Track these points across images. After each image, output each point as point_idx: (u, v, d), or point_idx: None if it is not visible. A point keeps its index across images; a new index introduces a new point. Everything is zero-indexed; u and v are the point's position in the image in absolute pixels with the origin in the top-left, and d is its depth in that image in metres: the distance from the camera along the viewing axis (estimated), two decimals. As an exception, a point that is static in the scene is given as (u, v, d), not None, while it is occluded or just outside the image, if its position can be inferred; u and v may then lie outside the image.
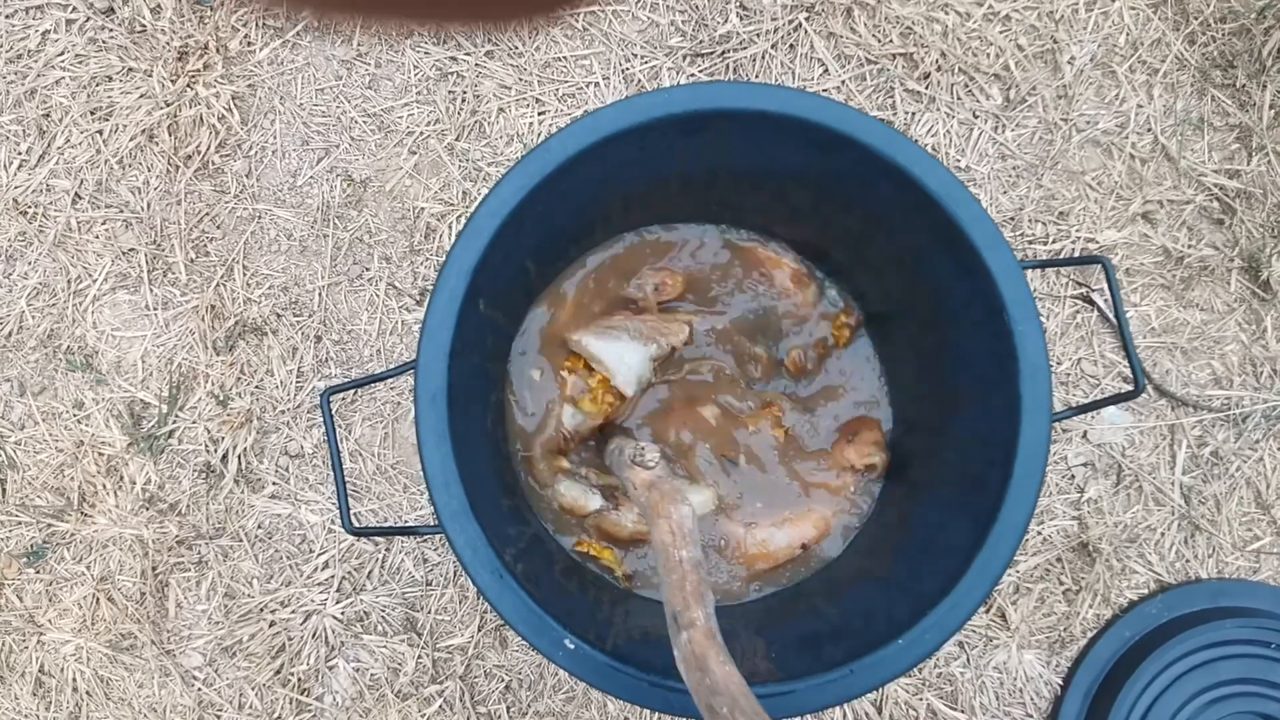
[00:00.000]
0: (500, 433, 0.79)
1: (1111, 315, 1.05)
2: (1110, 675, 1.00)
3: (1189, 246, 1.06)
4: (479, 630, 1.01)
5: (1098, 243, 1.06)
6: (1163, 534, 1.03)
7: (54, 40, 1.07)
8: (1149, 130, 1.07)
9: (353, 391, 1.04)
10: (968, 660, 1.02)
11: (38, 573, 1.03)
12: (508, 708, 1.01)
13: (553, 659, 0.61)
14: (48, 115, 1.06)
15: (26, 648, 1.02)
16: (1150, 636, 1.00)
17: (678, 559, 0.59)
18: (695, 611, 0.55)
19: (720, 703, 0.50)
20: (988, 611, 1.03)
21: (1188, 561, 1.03)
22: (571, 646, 0.62)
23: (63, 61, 1.06)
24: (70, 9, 1.06)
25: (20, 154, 1.06)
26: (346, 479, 1.02)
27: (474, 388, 0.70)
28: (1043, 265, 0.68)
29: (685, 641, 0.54)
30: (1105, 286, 1.06)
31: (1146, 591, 1.03)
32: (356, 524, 1.01)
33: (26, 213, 1.06)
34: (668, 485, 0.64)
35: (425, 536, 1.01)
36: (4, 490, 1.04)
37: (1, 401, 1.05)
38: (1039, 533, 1.03)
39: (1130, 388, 0.71)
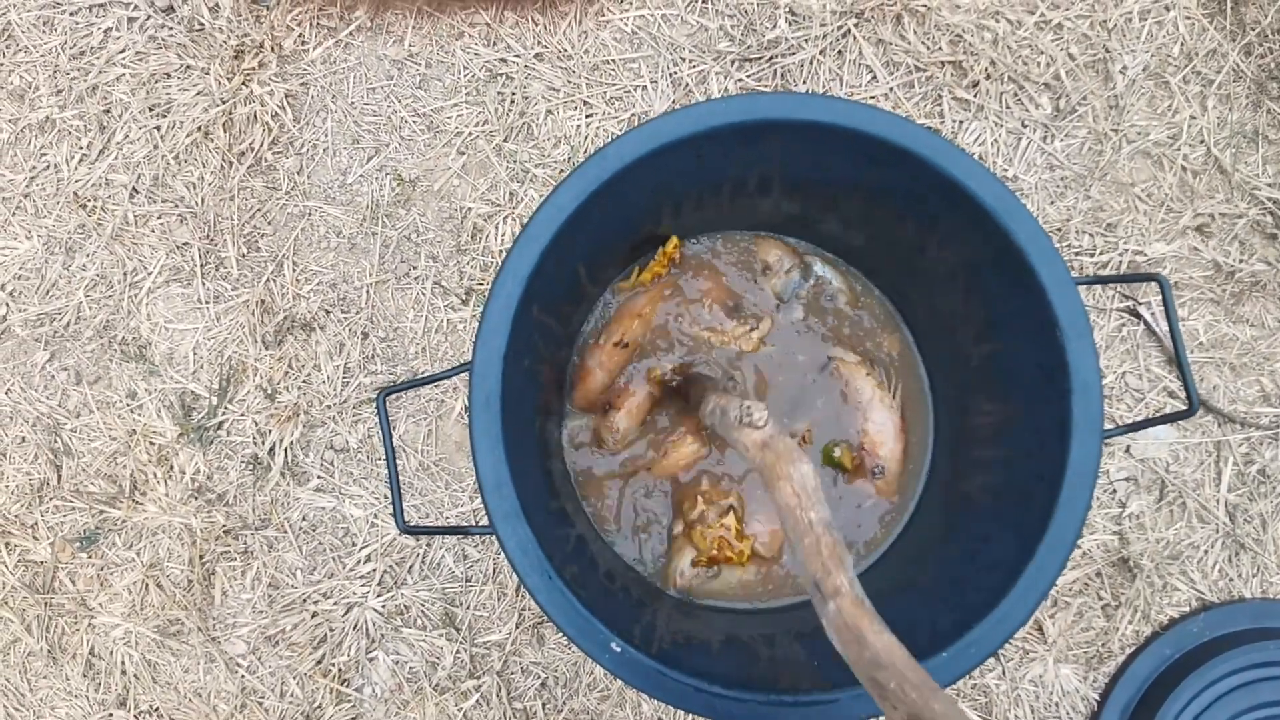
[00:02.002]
0: (547, 435, 0.80)
1: (1159, 329, 1.04)
2: (1149, 693, 0.99)
3: (1240, 261, 1.05)
4: (516, 627, 1.02)
5: (1146, 255, 1.05)
6: (1206, 552, 1.02)
7: (116, 38, 1.09)
8: (1201, 142, 1.06)
9: (381, 400, 1.05)
10: (1003, 672, 1.02)
11: (90, 557, 1.06)
12: (543, 704, 1.02)
13: (600, 661, 0.62)
14: (108, 111, 1.09)
15: (78, 630, 1.05)
16: (1191, 655, 0.99)
17: (807, 522, 0.54)
18: (838, 577, 0.51)
19: (885, 676, 0.46)
20: (1023, 625, 1.02)
21: (1231, 580, 1.02)
22: (618, 650, 0.62)
23: (124, 58, 1.09)
24: (132, 7, 1.09)
25: (81, 148, 1.09)
26: (390, 474, 1.04)
27: (524, 390, 0.71)
28: (1098, 281, 0.68)
29: (834, 612, 0.50)
30: (1152, 300, 1.05)
31: (1188, 609, 1.02)
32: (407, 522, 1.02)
33: (86, 206, 1.08)
34: (782, 444, 0.60)
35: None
36: (59, 476, 1.07)
37: (59, 390, 1.07)
38: (1079, 547, 1.02)
39: (1183, 406, 0.71)
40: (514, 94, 1.07)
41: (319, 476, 1.05)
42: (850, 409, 0.83)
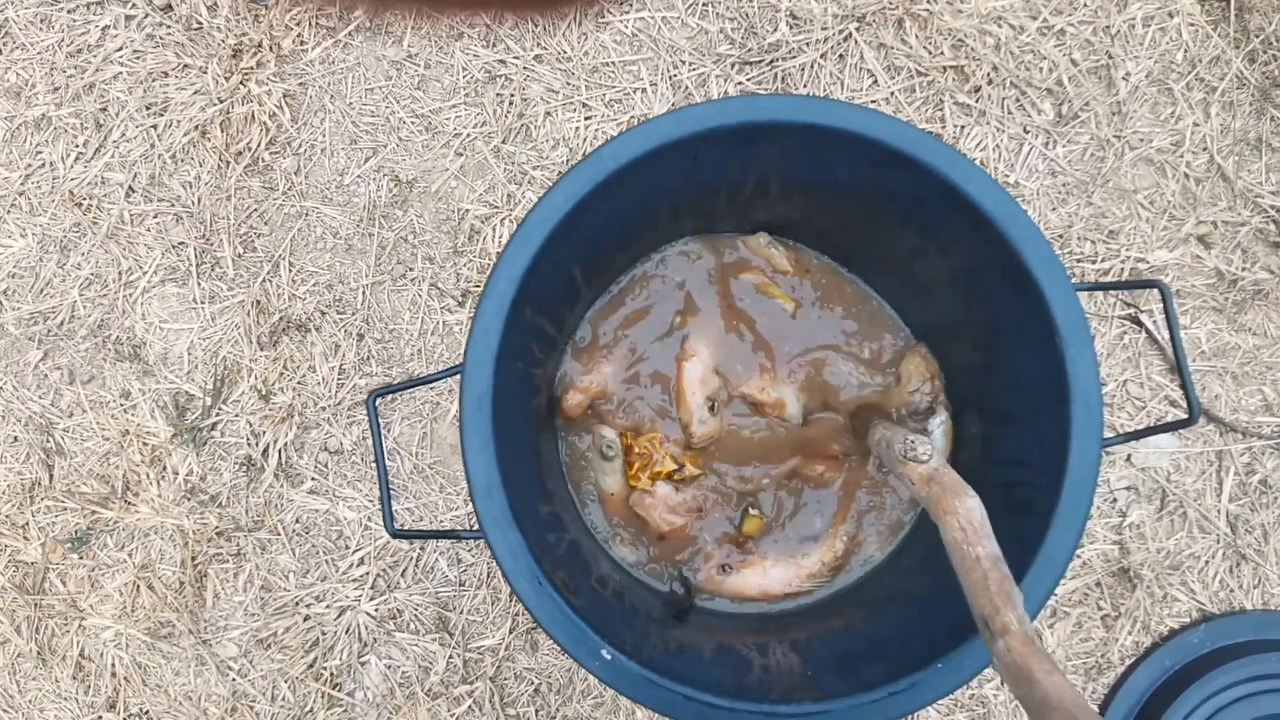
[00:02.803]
0: (540, 439, 0.79)
1: (1160, 337, 1.03)
2: (1148, 705, 0.98)
3: (1243, 269, 1.04)
4: (510, 632, 1.02)
5: (1148, 263, 1.04)
6: (1207, 562, 1.01)
7: (113, 36, 1.09)
8: (1204, 149, 1.05)
9: (372, 401, 1.04)
10: (1001, 682, 1.01)
11: (81, 558, 1.05)
12: (536, 711, 1.01)
13: (589, 669, 0.61)
14: (105, 109, 1.08)
15: (68, 632, 1.04)
16: (1191, 667, 0.98)
17: (974, 556, 0.55)
18: (1007, 614, 0.52)
19: (1056, 718, 0.46)
20: (1024, 634, 1.01)
21: (1232, 591, 1.01)
22: (608, 657, 0.61)
23: (121, 57, 1.08)
24: (130, 5, 1.08)
25: (77, 146, 1.08)
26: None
27: (518, 393, 0.70)
28: (1098, 288, 0.67)
29: (1004, 650, 0.51)
30: (1154, 308, 1.04)
31: (1188, 620, 1.01)
32: (396, 525, 1.01)
33: (81, 204, 1.08)
34: (948, 478, 0.60)
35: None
36: (51, 476, 1.06)
37: (52, 389, 1.07)
38: (1078, 556, 1.01)
39: (1184, 415, 0.70)
40: (513, 95, 1.07)
41: (313, 478, 1.04)
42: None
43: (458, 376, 0.66)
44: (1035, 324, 0.66)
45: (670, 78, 1.06)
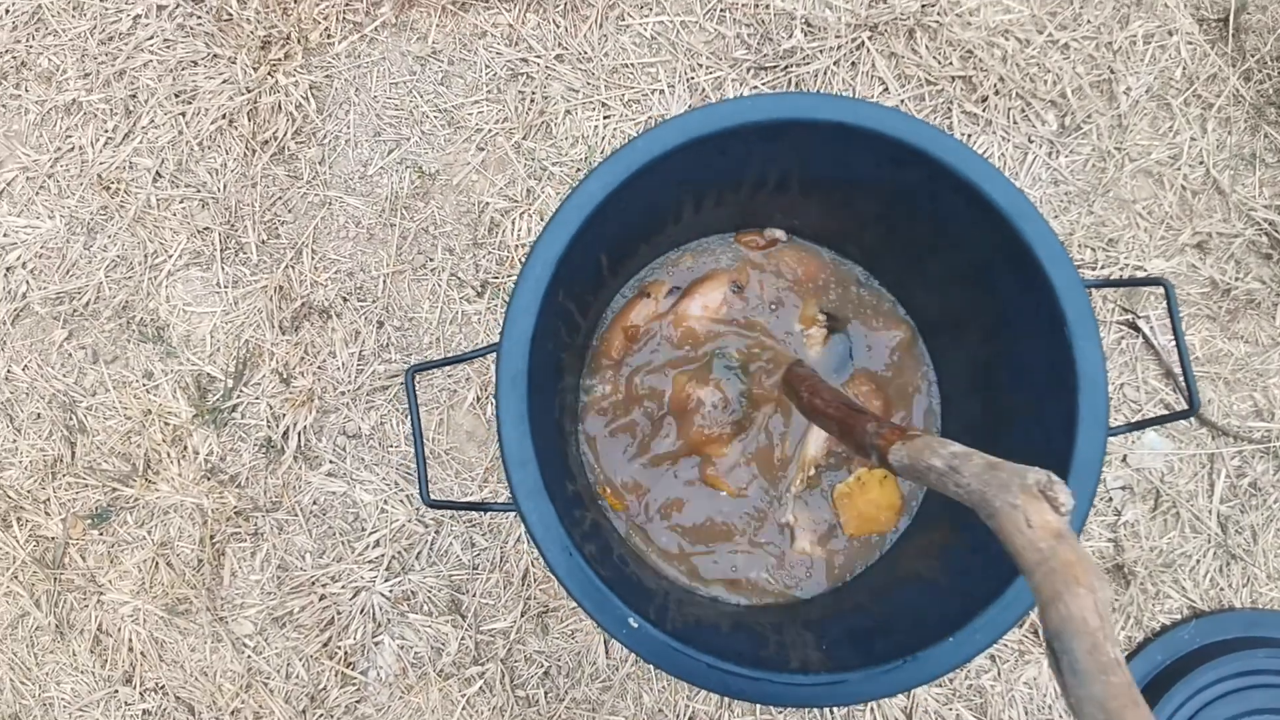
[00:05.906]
0: (565, 419, 0.81)
1: (1157, 342, 1.07)
2: (1140, 697, 1.01)
3: (1236, 279, 1.08)
4: (521, 615, 1.04)
5: (1146, 271, 1.08)
6: (1198, 561, 1.05)
7: (145, 25, 1.11)
8: (1201, 163, 1.09)
9: (410, 377, 1.07)
10: (999, 673, 1.04)
11: (101, 535, 1.07)
12: (545, 693, 1.03)
13: (616, 636, 0.64)
14: (135, 96, 1.11)
15: (87, 606, 1.06)
16: (1181, 661, 1.01)
17: (1114, 659, 0.41)
18: None
19: None
20: (1020, 626, 1.04)
21: (1222, 590, 1.05)
22: (635, 625, 0.64)
23: (152, 45, 1.11)
24: (162, -5, 1.11)
25: (107, 131, 1.10)
26: (401, 461, 1.05)
27: (547, 374, 0.73)
28: (1105, 285, 0.70)
29: None
30: (1151, 314, 1.07)
31: (1179, 617, 1.04)
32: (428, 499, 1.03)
33: (109, 188, 1.10)
34: (1082, 549, 0.45)
35: (474, 521, 1.04)
36: (74, 453, 1.08)
37: (76, 368, 1.09)
38: (1075, 552, 1.04)
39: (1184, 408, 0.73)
40: (534, 93, 1.10)
41: (331, 461, 1.06)
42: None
43: (484, 359, 0.68)
44: (1044, 316, 0.69)
45: (687, 80, 1.10)
